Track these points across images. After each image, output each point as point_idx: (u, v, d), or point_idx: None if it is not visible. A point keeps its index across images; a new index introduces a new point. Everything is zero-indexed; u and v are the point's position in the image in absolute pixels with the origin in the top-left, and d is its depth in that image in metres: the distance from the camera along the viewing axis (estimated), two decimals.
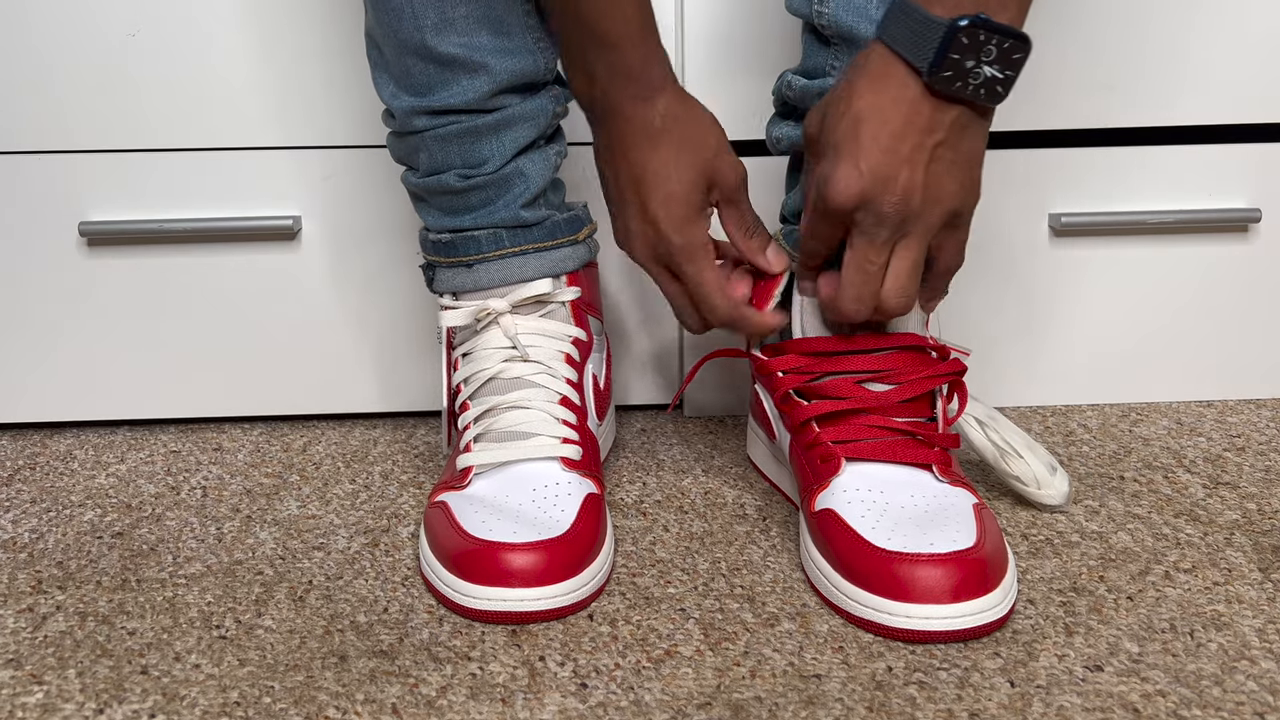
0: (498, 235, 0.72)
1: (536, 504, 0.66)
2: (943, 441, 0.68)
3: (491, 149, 0.70)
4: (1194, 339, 0.91)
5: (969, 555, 0.60)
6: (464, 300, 0.74)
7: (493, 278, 0.73)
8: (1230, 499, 0.76)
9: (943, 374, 0.69)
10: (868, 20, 0.66)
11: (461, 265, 0.73)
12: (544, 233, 0.73)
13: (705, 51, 0.85)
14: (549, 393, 0.71)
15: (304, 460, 0.86)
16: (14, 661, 0.61)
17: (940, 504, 0.65)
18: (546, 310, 0.73)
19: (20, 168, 0.86)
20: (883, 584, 0.60)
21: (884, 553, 0.61)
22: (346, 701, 0.57)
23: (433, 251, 0.74)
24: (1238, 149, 0.87)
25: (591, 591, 0.64)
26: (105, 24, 0.83)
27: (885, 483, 0.66)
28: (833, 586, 0.63)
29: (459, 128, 0.70)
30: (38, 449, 0.89)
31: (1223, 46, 0.85)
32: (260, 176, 0.87)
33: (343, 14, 0.84)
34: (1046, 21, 0.85)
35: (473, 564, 0.63)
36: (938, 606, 0.59)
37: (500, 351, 0.72)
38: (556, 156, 0.74)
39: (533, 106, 0.71)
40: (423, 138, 0.71)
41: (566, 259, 0.74)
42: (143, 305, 0.89)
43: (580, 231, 0.75)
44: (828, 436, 0.68)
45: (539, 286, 0.72)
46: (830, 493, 0.66)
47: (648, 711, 0.55)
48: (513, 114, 0.70)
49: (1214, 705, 0.55)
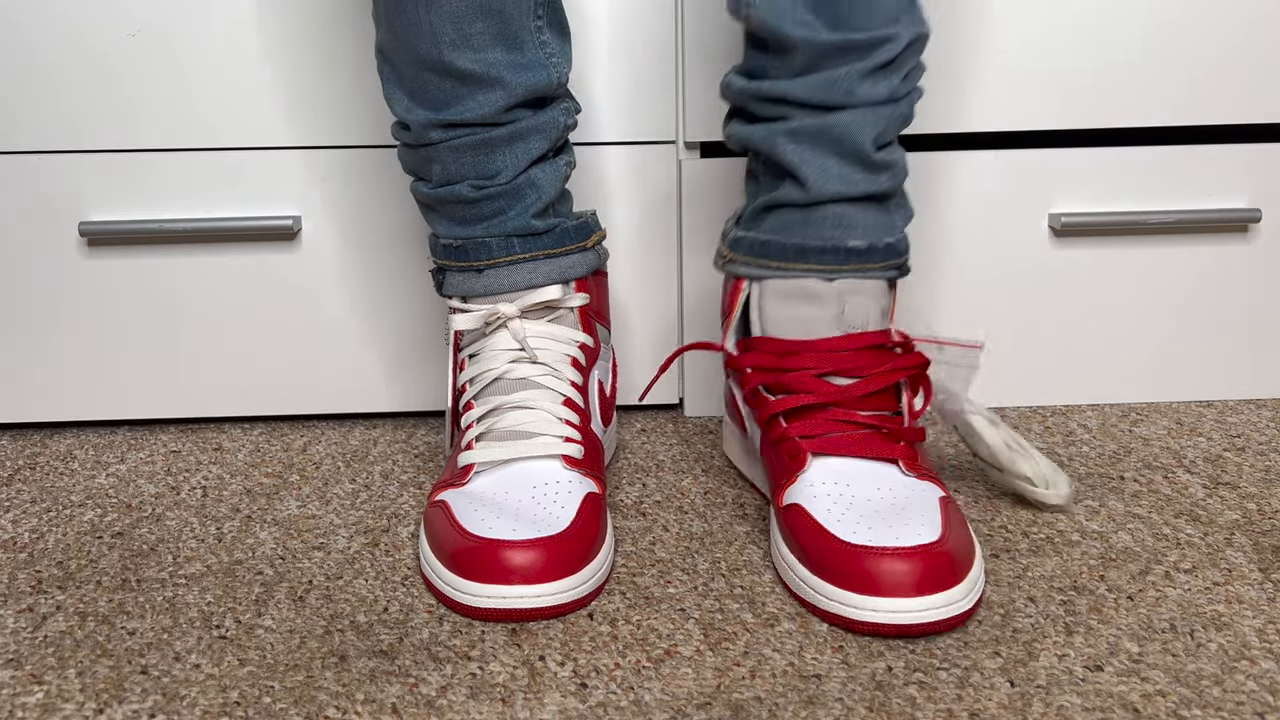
0: (509, 242, 0.73)
1: (537, 500, 0.66)
2: (908, 435, 0.68)
3: (505, 160, 0.71)
4: (1194, 339, 0.91)
5: (934, 549, 0.60)
6: (473, 304, 0.74)
7: (502, 283, 0.73)
8: (1230, 499, 0.76)
9: (904, 367, 0.69)
10: (793, 22, 0.66)
11: (472, 270, 0.73)
12: (553, 240, 0.73)
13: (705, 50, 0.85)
14: (553, 394, 0.71)
15: (304, 460, 0.86)
16: (14, 661, 0.61)
17: (906, 497, 0.65)
18: (555, 316, 0.73)
19: (20, 168, 0.86)
20: (848, 578, 0.60)
21: (849, 546, 0.61)
22: (346, 701, 0.57)
23: (443, 256, 0.75)
24: (1238, 149, 0.87)
25: (591, 589, 0.64)
26: (105, 24, 0.83)
27: (851, 476, 0.66)
28: (800, 581, 0.63)
29: (474, 140, 0.70)
30: (38, 449, 0.89)
31: (1222, 46, 0.85)
32: (260, 176, 0.87)
33: (343, 14, 0.84)
34: (1047, 22, 0.85)
35: (472, 562, 0.63)
36: (902, 600, 0.59)
37: (507, 353, 0.72)
38: (566, 167, 0.74)
39: (544, 119, 0.71)
40: (437, 149, 0.71)
41: (575, 265, 0.74)
42: (143, 305, 0.89)
43: (589, 239, 0.76)
44: (794, 431, 0.68)
45: (549, 292, 0.72)
46: (797, 488, 0.66)
47: (648, 711, 0.55)
48: (525, 127, 0.71)
49: (1214, 705, 0.55)
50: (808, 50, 0.66)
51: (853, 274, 0.70)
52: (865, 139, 0.67)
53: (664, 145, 0.87)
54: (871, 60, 0.66)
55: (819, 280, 0.70)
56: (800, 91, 0.67)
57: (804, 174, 0.68)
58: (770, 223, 0.71)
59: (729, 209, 0.88)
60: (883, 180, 0.69)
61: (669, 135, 0.87)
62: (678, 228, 0.89)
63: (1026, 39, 0.85)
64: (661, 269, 0.89)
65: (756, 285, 0.72)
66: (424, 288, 0.90)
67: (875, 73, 0.66)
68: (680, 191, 0.88)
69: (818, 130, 0.67)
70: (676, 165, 0.88)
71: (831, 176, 0.68)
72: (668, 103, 0.86)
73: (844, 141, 0.67)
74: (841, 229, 0.69)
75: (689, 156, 0.88)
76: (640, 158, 0.87)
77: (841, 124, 0.67)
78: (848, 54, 0.66)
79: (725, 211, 0.88)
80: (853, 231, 0.69)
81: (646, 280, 0.90)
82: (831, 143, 0.68)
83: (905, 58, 0.67)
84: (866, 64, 0.66)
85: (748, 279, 0.72)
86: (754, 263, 0.72)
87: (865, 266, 0.70)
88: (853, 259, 0.70)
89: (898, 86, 0.67)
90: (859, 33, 0.65)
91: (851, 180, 0.68)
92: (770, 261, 0.71)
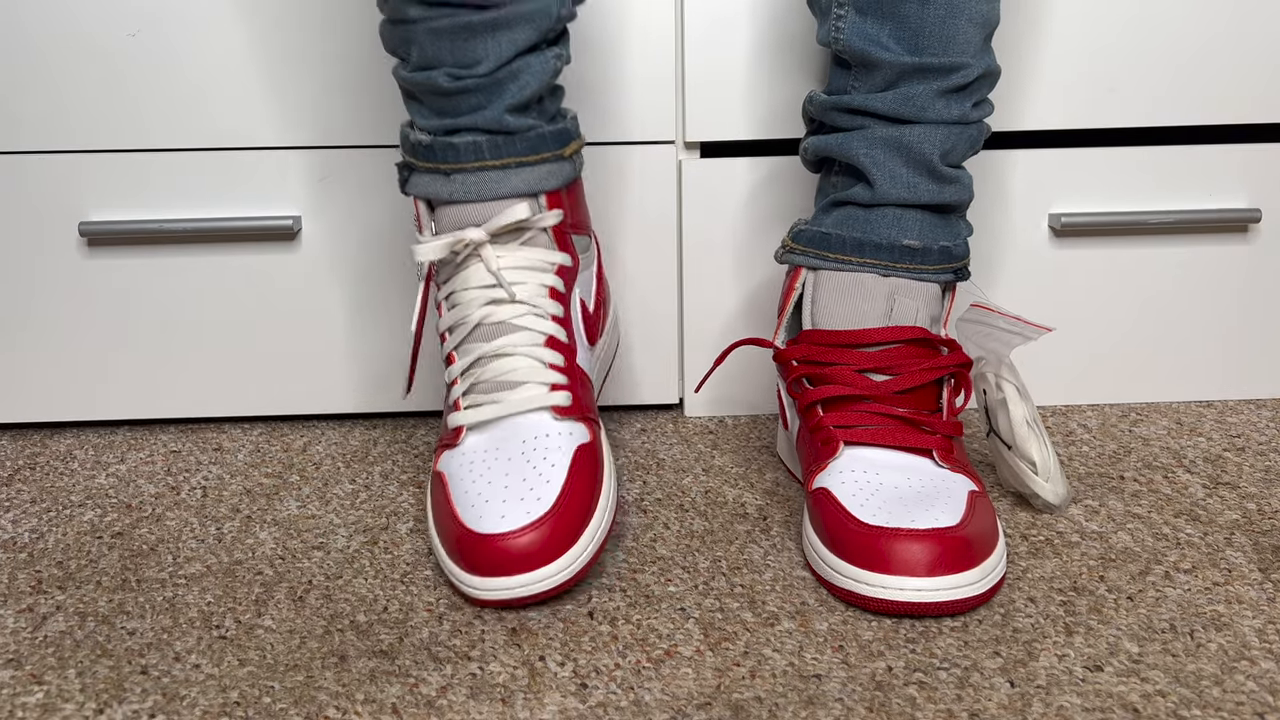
0: (477, 145, 0.68)
1: (527, 458, 0.66)
2: (944, 429, 0.70)
3: (486, 49, 0.66)
4: (1194, 339, 0.91)
5: (949, 532, 0.62)
6: (440, 218, 0.71)
7: (469, 190, 0.69)
8: (1230, 499, 0.76)
9: (945, 366, 0.71)
10: (878, 46, 0.70)
11: (438, 172, 0.70)
12: (526, 145, 0.69)
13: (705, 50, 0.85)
14: (534, 335, 0.69)
15: (304, 460, 0.86)
16: (14, 661, 0.61)
17: (935, 487, 0.67)
18: (527, 237, 0.70)
19: (21, 167, 0.86)
20: (862, 556, 0.62)
21: (866, 526, 0.63)
22: (346, 701, 0.57)
23: (410, 152, 0.71)
24: (1238, 149, 0.87)
25: (592, 553, 0.65)
26: (105, 24, 0.83)
27: (882, 466, 0.69)
28: (819, 559, 0.66)
29: (451, 22, 0.66)
30: (38, 449, 0.89)
31: (1223, 46, 0.85)
32: (260, 176, 0.87)
33: (343, 14, 0.84)
34: (1047, 22, 0.85)
35: (471, 555, 0.63)
36: (912, 579, 0.61)
37: (484, 293, 0.69)
38: (557, 60, 0.70)
39: (534, 6, 0.67)
40: (414, 28, 0.67)
41: (549, 176, 0.70)
42: (143, 305, 0.89)
43: (566, 147, 0.71)
44: (829, 421, 0.71)
45: (518, 212, 0.68)
46: (828, 473, 0.69)
47: (648, 711, 0.55)
48: (511, 13, 0.66)
49: (1214, 705, 0.55)
50: (890, 70, 0.70)
51: (906, 273, 0.72)
52: (934, 152, 0.71)
53: (664, 145, 0.87)
54: (947, 82, 0.70)
55: (874, 275, 0.72)
56: (879, 105, 0.71)
57: (873, 176, 0.71)
58: (834, 217, 0.74)
59: (729, 209, 0.88)
60: (946, 193, 0.72)
61: (669, 135, 0.87)
62: (677, 228, 0.89)
63: (1026, 39, 0.85)
64: (662, 269, 0.89)
65: (812, 275, 0.74)
66: None
67: (949, 94, 0.70)
68: (680, 191, 0.88)
69: (891, 139, 0.71)
70: (676, 165, 0.88)
71: (899, 182, 0.71)
72: (668, 103, 0.86)
73: (913, 151, 0.71)
74: (899, 228, 0.72)
75: (689, 156, 0.88)
76: (640, 158, 0.87)
77: (913, 135, 0.70)
78: (925, 75, 0.70)
79: (725, 211, 0.88)
80: (909, 232, 0.72)
81: (646, 280, 0.90)
82: (902, 150, 0.71)
83: (977, 86, 0.71)
84: (942, 84, 0.70)
85: (805, 269, 0.74)
86: (813, 253, 0.74)
87: (919, 267, 0.72)
88: (906, 257, 0.72)
89: (968, 110, 0.71)
90: (936, 57, 0.69)
91: (916, 188, 0.71)
92: (829, 253, 0.73)
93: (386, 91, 0.85)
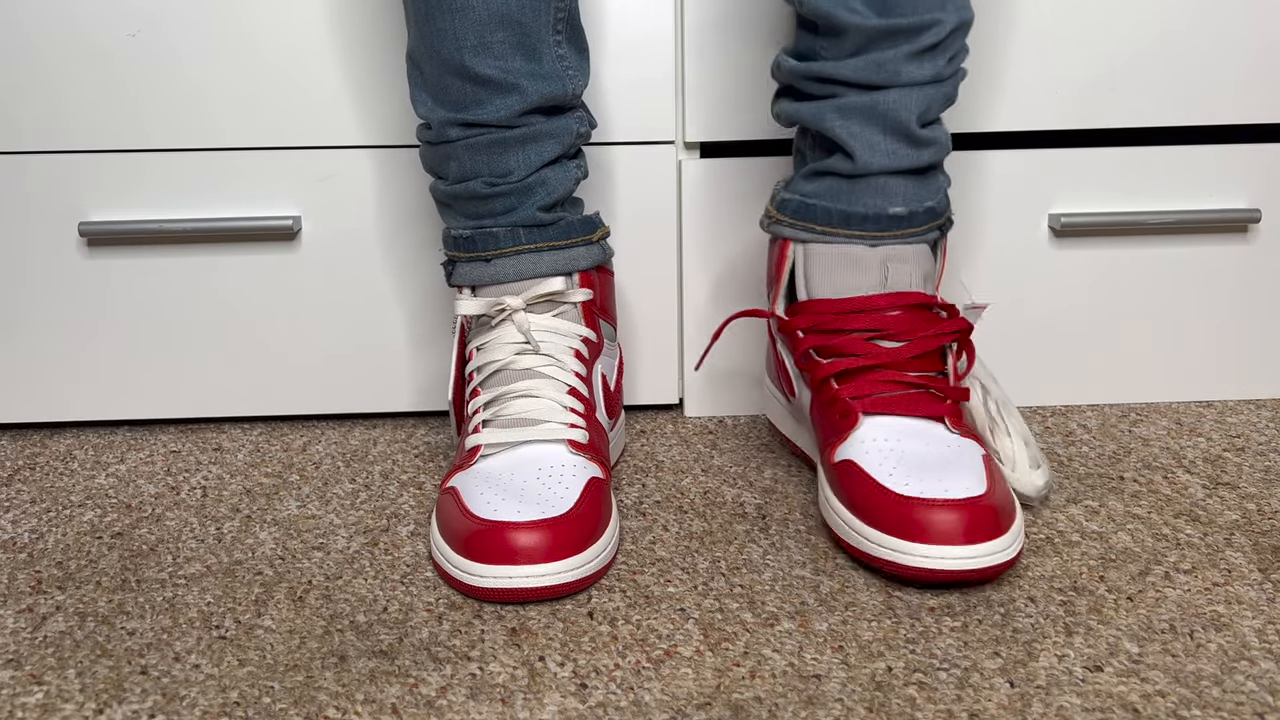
0: (515, 233, 0.75)
1: (542, 482, 0.68)
2: (954, 395, 0.72)
3: (517, 160, 0.74)
4: (1194, 339, 0.91)
5: (981, 501, 0.64)
6: (480, 295, 0.76)
7: (508, 272, 0.75)
8: (1230, 499, 0.76)
9: (949, 331, 0.72)
10: (844, 9, 0.69)
11: (480, 259, 0.76)
12: (559, 232, 0.76)
13: (705, 50, 0.85)
14: (557, 384, 0.73)
15: (304, 460, 0.86)
16: (14, 661, 0.61)
17: (952, 453, 0.68)
18: (559, 310, 0.75)
19: (20, 167, 0.86)
20: (900, 526, 0.64)
21: (901, 498, 0.64)
22: (346, 701, 0.57)
23: (453, 247, 0.77)
24: (1238, 149, 0.87)
25: (596, 569, 0.66)
26: (105, 24, 0.83)
27: (900, 433, 0.70)
28: (852, 530, 0.67)
29: (489, 139, 0.73)
30: (38, 449, 0.89)
31: (1223, 46, 0.85)
32: (260, 176, 0.87)
33: (343, 15, 0.84)
34: (1047, 22, 0.85)
35: (479, 544, 0.64)
36: (951, 548, 0.63)
37: (512, 345, 0.74)
38: (577, 170, 0.77)
39: (558, 125, 0.74)
40: (454, 147, 0.74)
41: (579, 258, 0.76)
42: (143, 305, 0.89)
43: (594, 233, 0.78)
44: (846, 393, 0.72)
45: (553, 284, 0.74)
46: (849, 444, 0.70)
47: (648, 711, 0.55)
48: (539, 130, 0.73)
49: (1214, 705, 0.55)
50: (858, 34, 0.69)
51: (895, 240, 0.73)
52: (910, 116, 0.70)
53: (664, 145, 0.87)
54: (918, 43, 0.69)
55: (863, 246, 0.73)
56: (849, 72, 0.70)
57: (851, 148, 0.71)
58: (817, 187, 0.74)
59: (729, 209, 0.88)
60: (925, 155, 0.72)
61: (669, 135, 0.87)
62: (677, 228, 0.89)
63: (1026, 39, 0.85)
64: (661, 269, 0.89)
65: (801, 249, 0.75)
66: (423, 288, 0.90)
67: (921, 55, 0.69)
68: (680, 191, 0.88)
69: (865, 107, 0.70)
70: (676, 165, 0.88)
71: (878, 151, 0.71)
72: (668, 103, 0.86)
73: (890, 118, 0.70)
74: (884, 197, 0.72)
75: (689, 156, 0.88)
76: (640, 158, 0.87)
77: (888, 102, 0.70)
78: (895, 37, 0.69)
79: (725, 211, 0.88)
80: (894, 199, 0.72)
81: (646, 280, 0.90)
82: (878, 119, 0.71)
83: (950, 41, 0.70)
84: (913, 46, 0.69)
85: (793, 242, 0.75)
86: (799, 225, 0.75)
87: (906, 232, 0.73)
88: (894, 225, 0.73)
89: (942, 68, 0.70)
90: (905, 18, 0.68)
91: (896, 154, 0.71)
92: (815, 225, 0.74)
93: (387, 92, 0.85)
